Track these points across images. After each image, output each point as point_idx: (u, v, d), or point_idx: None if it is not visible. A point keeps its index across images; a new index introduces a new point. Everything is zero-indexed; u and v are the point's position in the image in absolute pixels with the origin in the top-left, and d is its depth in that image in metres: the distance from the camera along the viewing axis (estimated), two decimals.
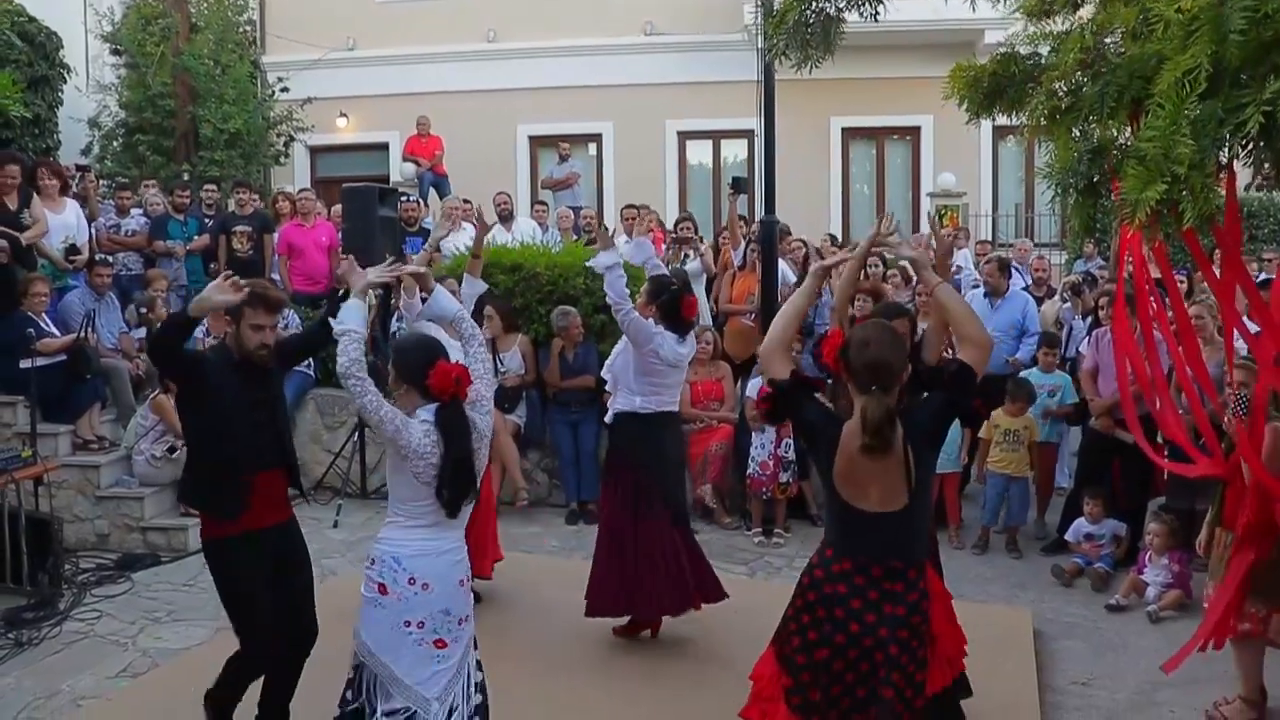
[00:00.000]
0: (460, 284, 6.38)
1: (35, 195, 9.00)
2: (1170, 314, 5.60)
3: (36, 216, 8.84)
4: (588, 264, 6.17)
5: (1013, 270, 9.65)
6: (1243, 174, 4.14)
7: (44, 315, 8.39)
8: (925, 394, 3.88)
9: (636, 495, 5.91)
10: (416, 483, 3.82)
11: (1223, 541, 5.26)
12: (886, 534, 3.54)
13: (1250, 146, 3.43)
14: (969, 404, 3.73)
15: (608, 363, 6.38)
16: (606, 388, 6.43)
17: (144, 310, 9.58)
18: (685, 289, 6.31)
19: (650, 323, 5.87)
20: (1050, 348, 8.48)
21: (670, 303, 5.95)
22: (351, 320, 3.95)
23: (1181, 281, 9.22)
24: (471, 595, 4.05)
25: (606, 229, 6.32)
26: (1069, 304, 9.90)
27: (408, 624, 3.78)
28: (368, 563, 3.89)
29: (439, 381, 3.81)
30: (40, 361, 7.95)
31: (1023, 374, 8.41)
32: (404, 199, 11.58)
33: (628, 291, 5.85)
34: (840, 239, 14.98)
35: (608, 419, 6.36)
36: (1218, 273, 5.18)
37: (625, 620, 6.15)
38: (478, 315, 8.51)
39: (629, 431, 6.05)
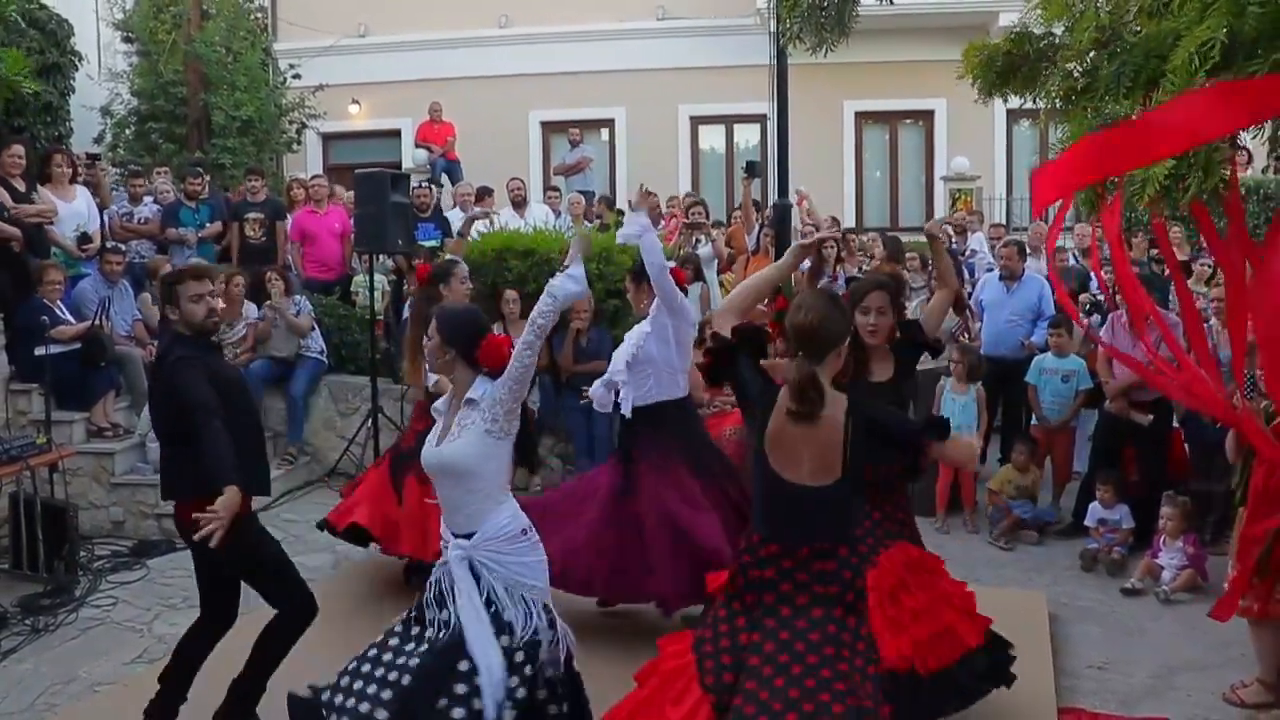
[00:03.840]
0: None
1: (39, 184, 9.04)
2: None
3: (45, 200, 8.89)
4: (619, 241, 6.00)
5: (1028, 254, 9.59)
6: (1260, 157, 4.10)
7: (58, 303, 8.40)
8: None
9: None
10: (507, 456, 3.85)
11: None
12: (815, 511, 3.47)
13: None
14: (904, 461, 3.72)
15: (635, 352, 5.80)
16: (619, 379, 5.88)
17: None
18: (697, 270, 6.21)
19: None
20: (1056, 329, 8.33)
21: None
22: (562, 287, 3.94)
23: (1208, 266, 9.13)
24: None
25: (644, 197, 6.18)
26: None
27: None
28: (521, 535, 3.85)
29: (491, 351, 3.81)
30: (55, 349, 7.97)
31: (1037, 358, 8.35)
32: (416, 185, 11.58)
33: (665, 260, 5.69)
34: (854, 223, 14.95)
35: (651, 402, 5.80)
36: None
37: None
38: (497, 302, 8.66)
39: (691, 413, 6.02)
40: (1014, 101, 4.82)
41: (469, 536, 3.78)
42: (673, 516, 5.54)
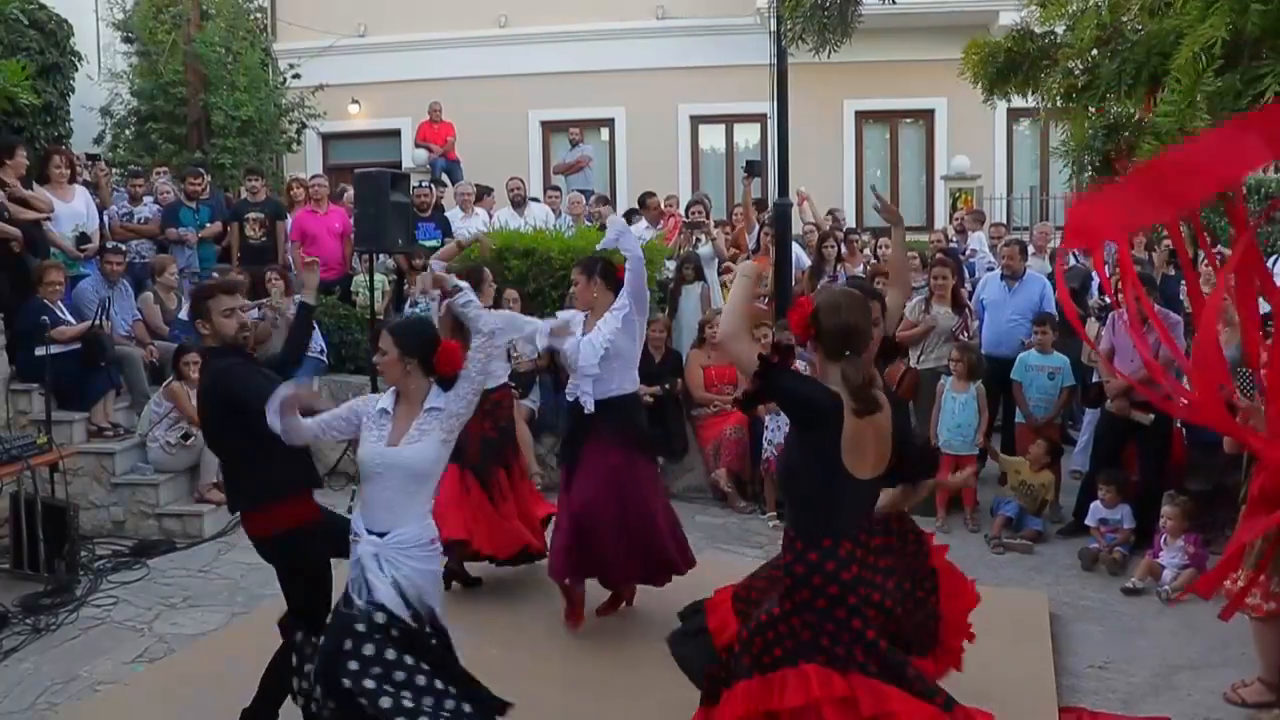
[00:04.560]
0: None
1: (35, 183, 9.05)
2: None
3: (40, 197, 8.91)
4: (598, 248, 6.10)
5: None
6: None
7: (59, 303, 8.39)
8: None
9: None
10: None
11: None
12: (874, 498, 3.67)
13: None
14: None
15: (609, 348, 5.80)
16: (582, 372, 5.88)
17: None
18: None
19: None
20: (1041, 325, 8.36)
21: (607, 267, 5.94)
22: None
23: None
24: None
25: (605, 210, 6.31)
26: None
27: None
28: (430, 544, 4.07)
29: (447, 357, 4.05)
30: (55, 349, 7.96)
31: (1021, 354, 8.36)
32: (416, 185, 11.58)
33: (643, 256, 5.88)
34: (854, 223, 14.93)
35: (615, 394, 5.90)
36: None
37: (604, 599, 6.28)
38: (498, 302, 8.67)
39: (638, 408, 6.18)
40: (1014, 100, 4.81)
41: (383, 535, 3.96)
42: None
